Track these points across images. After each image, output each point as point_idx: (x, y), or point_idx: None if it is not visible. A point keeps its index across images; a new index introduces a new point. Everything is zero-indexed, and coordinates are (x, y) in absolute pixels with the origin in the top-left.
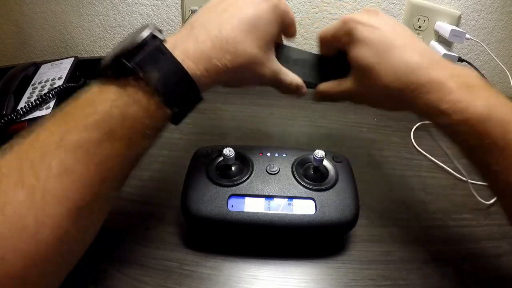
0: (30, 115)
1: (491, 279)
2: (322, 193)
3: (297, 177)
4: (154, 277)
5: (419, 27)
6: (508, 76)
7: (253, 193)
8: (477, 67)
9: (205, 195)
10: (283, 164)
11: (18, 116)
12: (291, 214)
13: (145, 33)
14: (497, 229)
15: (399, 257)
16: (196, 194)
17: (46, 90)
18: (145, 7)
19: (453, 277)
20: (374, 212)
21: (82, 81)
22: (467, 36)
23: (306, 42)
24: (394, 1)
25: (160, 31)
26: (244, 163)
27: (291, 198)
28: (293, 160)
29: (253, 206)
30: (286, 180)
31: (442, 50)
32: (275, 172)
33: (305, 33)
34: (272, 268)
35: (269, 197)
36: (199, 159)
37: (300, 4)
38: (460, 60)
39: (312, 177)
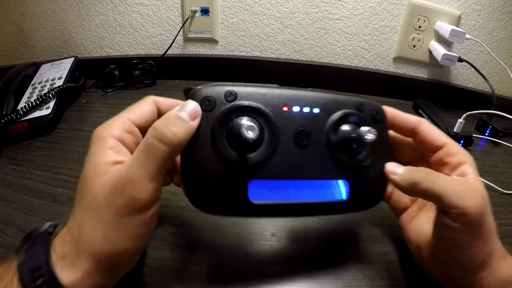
0: (30, 115)
1: None
2: (358, 172)
3: (332, 151)
4: (154, 277)
5: (419, 27)
6: (509, 76)
7: (279, 176)
8: (477, 67)
9: (216, 176)
10: (315, 129)
11: (18, 116)
12: (322, 203)
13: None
14: (497, 229)
15: (399, 257)
16: (202, 175)
17: (46, 90)
18: (145, 7)
19: None
20: (374, 212)
21: (82, 81)
22: (467, 36)
23: (306, 42)
24: (394, 1)
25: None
26: (265, 125)
27: (323, 181)
28: (329, 122)
29: (278, 194)
30: (318, 155)
31: (442, 50)
32: (306, 144)
33: (305, 33)
34: (272, 269)
35: (298, 181)
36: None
37: (300, 4)
38: (460, 60)
39: (350, 150)
